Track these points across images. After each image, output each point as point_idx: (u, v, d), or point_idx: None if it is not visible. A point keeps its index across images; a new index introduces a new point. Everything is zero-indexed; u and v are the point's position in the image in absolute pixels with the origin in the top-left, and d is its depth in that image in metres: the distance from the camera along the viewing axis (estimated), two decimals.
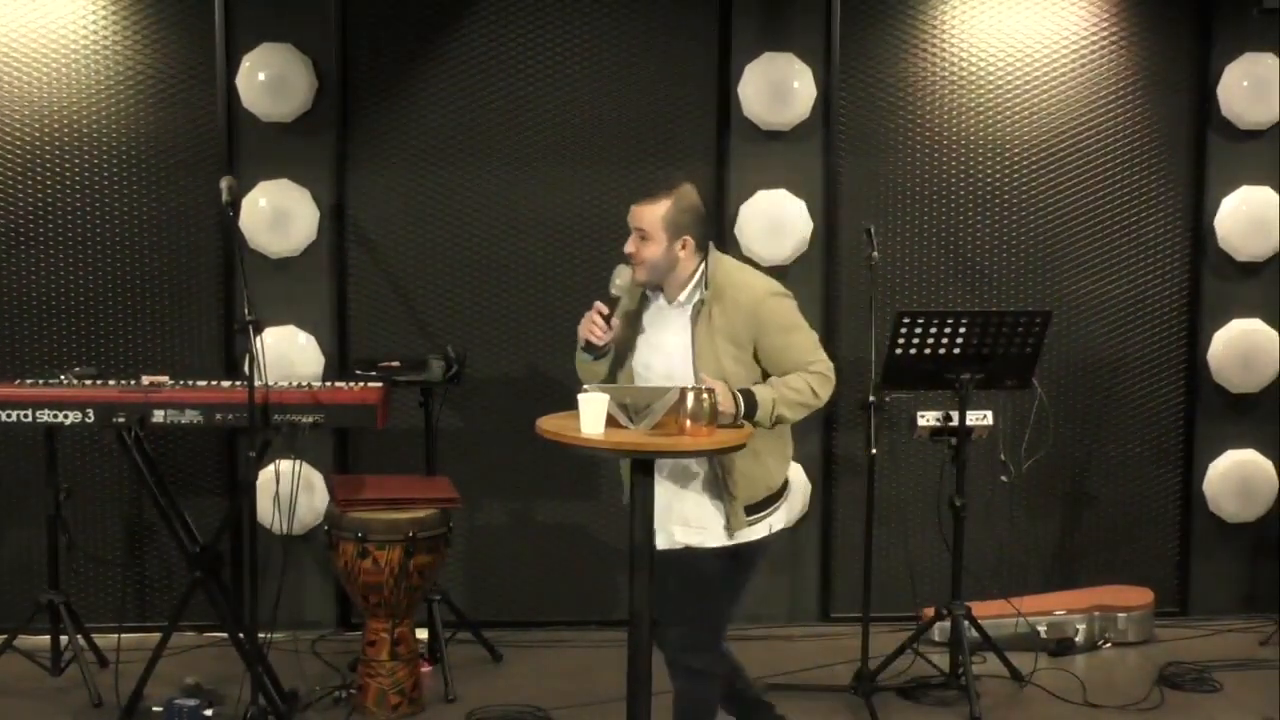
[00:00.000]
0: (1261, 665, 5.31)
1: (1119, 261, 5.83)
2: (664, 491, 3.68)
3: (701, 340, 3.69)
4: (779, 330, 3.72)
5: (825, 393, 3.71)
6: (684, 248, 3.72)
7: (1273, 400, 5.90)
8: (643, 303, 3.84)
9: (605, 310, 3.68)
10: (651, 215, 3.72)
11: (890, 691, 4.97)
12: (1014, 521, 5.85)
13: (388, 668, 4.69)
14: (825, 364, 3.74)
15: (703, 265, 3.75)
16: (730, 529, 3.73)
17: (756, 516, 3.76)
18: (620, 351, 3.83)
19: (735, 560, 3.79)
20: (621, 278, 3.75)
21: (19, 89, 5.35)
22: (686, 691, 3.83)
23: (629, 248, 3.74)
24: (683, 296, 3.75)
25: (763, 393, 3.63)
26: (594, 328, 3.67)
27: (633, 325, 3.81)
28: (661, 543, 3.69)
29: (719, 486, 3.72)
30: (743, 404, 3.59)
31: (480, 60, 5.54)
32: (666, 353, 3.74)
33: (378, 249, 5.55)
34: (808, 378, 3.69)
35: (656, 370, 3.76)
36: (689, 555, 3.76)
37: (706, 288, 3.71)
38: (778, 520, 3.85)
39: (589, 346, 3.72)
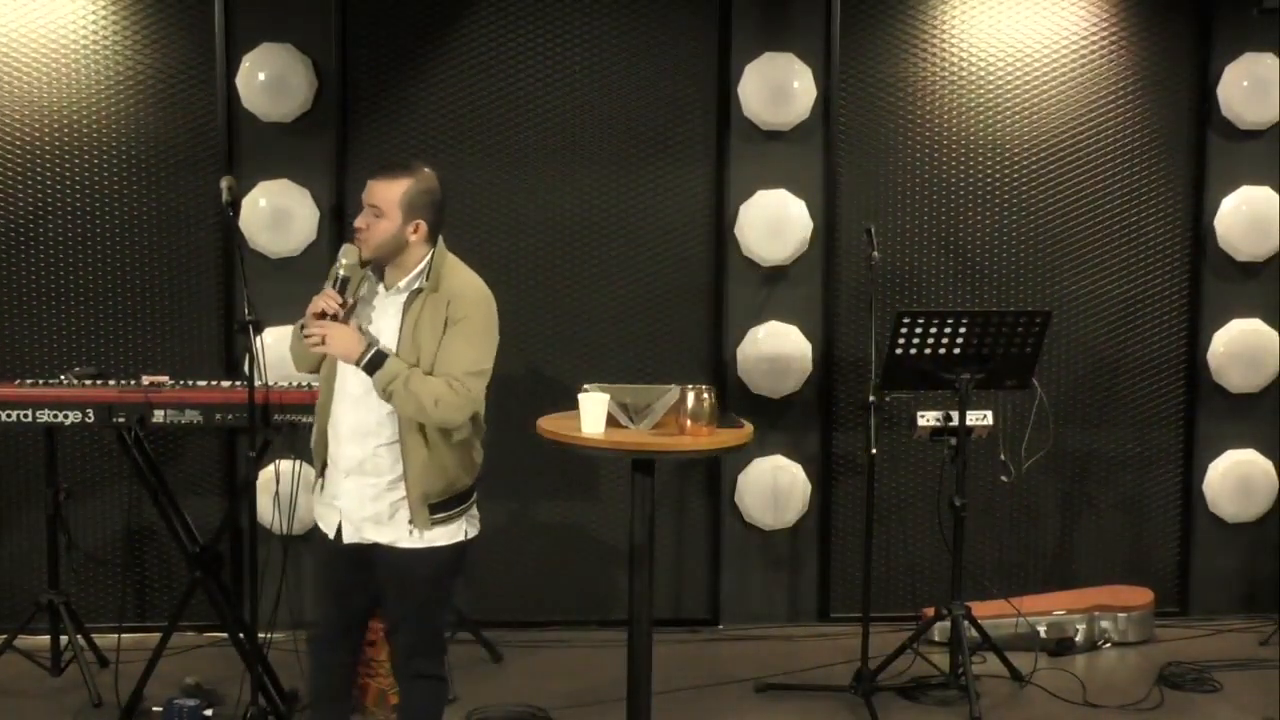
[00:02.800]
0: (1261, 665, 5.31)
1: (1119, 261, 5.83)
2: (353, 486, 3.60)
3: (407, 329, 3.54)
4: (463, 331, 3.55)
5: (447, 414, 3.49)
6: (415, 231, 3.59)
7: (1273, 400, 5.91)
8: (363, 288, 3.68)
9: (339, 298, 3.57)
10: (389, 193, 3.57)
11: (890, 691, 4.97)
12: (1014, 521, 5.85)
13: (387, 668, 4.68)
14: (469, 393, 3.52)
15: (429, 256, 3.62)
16: (415, 526, 3.59)
17: (442, 516, 3.61)
18: None
19: (435, 564, 3.66)
20: (349, 257, 3.61)
21: (19, 89, 5.36)
22: (413, 697, 3.77)
23: (360, 223, 3.60)
24: (403, 284, 3.61)
25: (396, 363, 3.48)
26: (330, 300, 3.53)
27: (352, 310, 3.64)
28: (349, 536, 3.63)
29: (401, 482, 3.59)
30: (368, 350, 3.48)
31: (480, 60, 5.54)
32: (379, 338, 3.58)
33: None
34: (444, 387, 3.49)
35: None
36: (399, 556, 3.63)
37: (427, 279, 3.58)
38: (472, 527, 3.74)
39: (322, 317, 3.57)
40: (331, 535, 3.66)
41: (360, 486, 3.61)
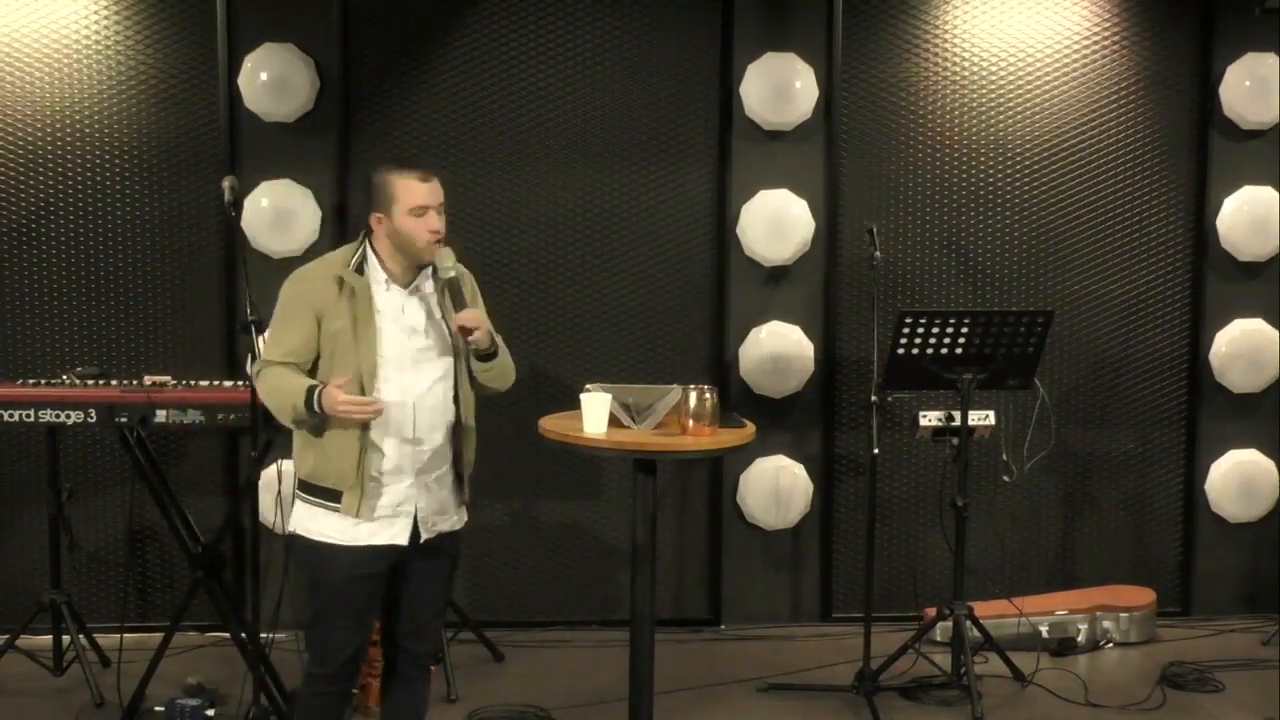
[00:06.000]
0: (1263, 665, 5.31)
1: (1121, 261, 5.83)
2: (429, 479, 3.56)
3: (448, 317, 3.57)
4: (481, 302, 3.72)
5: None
6: None
7: (1275, 400, 5.90)
8: (363, 292, 3.50)
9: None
10: (441, 190, 3.54)
11: (892, 691, 4.97)
12: (1016, 521, 5.85)
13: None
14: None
15: None
16: (461, 505, 3.68)
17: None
18: (338, 350, 3.48)
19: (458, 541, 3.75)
20: (452, 259, 3.53)
21: (21, 89, 5.36)
22: (423, 688, 3.78)
23: (439, 225, 3.50)
24: (425, 278, 3.56)
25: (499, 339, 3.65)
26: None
27: (362, 320, 3.48)
28: (425, 534, 3.57)
29: (459, 465, 3.64)
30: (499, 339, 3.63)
31: (482, 60, 5.54)
32: (426, 339, 3.55)
33: None
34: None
35: (422, 356, 3.55)
36: (455, 541, 3.69)
37: (438, 269, 3.55)
38: None
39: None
40: (405, 542, 3.51)
41: (430, 479, 3.57)
